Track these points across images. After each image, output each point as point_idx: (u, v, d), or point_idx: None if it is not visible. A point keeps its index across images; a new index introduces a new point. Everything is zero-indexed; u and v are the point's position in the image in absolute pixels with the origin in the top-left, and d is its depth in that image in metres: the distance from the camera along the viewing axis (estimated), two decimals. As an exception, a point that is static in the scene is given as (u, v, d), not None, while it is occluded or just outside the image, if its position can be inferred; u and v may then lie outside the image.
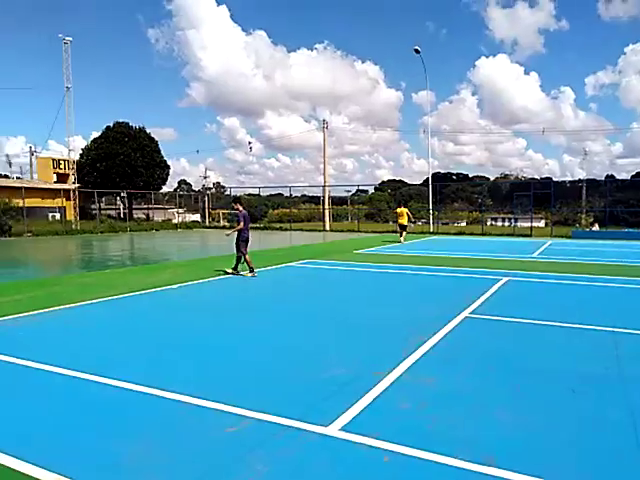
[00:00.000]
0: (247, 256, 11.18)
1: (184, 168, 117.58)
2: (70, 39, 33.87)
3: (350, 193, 52.89)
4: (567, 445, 3.27)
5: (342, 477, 2.88)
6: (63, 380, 4.46)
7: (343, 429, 3.45)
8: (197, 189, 67.16)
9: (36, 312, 7.24)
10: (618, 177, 67.97)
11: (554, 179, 50.27)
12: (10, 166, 69.09)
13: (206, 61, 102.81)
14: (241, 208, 11.45)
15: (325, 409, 3.79)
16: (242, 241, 11.19)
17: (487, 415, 3.71)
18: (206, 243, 24.81)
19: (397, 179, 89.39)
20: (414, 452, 3.13)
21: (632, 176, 62.89)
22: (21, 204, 28.60)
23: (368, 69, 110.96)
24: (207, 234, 31.09)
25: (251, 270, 11.09)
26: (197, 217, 46.82)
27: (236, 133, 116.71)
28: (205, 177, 70.51)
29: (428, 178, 35.71)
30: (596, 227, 29.62)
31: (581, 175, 70.77)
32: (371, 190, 64.93)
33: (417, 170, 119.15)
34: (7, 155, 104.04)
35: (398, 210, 22.05)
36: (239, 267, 11.36)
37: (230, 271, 11.30)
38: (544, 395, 4.12)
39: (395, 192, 66.12)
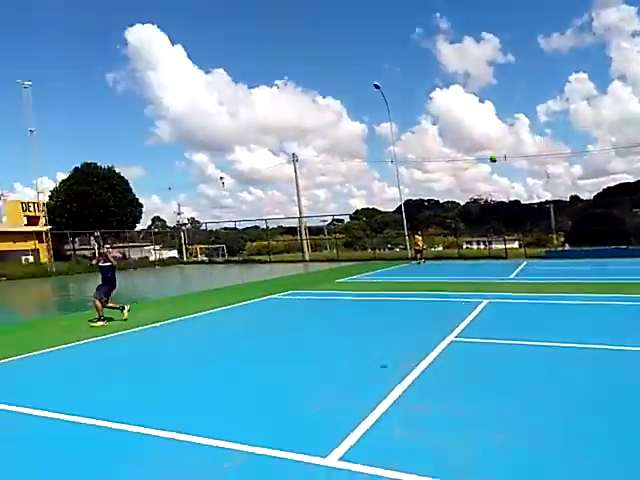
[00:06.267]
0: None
1: (156, 205, 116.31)
2: (29, 83, 32.58)
3: (326, 223, 53.37)
4: (558, 464, 3.39)
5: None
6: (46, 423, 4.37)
7: (342, 459, 3.48)
8: (172, 225, 66.54)
9: (20, 357, 7.06)
10: (582, 197, 70.56)
11: (522, 202, 51.87)
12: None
13: (168, 100, 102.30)
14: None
15: (322, 440, 3.81)
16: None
17: (482, 438, 3.78)
18: (185, 279, 24.58)
19: (371, 207, 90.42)
20: (414, 479, 3.18)
21: (594, 196, 65.31)
22: (-8, 248, 27.94)
23: (330, 103, 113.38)
24: (185, 270, 30.81)
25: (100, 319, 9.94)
26: (174, 253, 46.30)
27: (206, 169, 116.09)
28: (179, 213, 69.82)
29: (401, 205, 36.38)
30: (567, 246, 30.50)
31: (547, 197, 73.03)
32: (346, 219, 65.61)
33: (389, 198, 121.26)
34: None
35: (417, 237, 27.51)
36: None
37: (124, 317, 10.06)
38: (532, 415, 4.24)
39: (370, 220, 66.85)
